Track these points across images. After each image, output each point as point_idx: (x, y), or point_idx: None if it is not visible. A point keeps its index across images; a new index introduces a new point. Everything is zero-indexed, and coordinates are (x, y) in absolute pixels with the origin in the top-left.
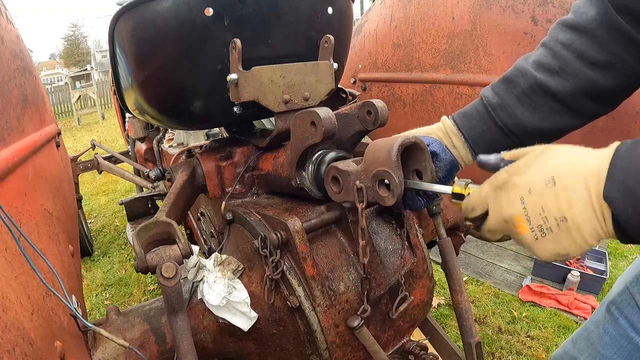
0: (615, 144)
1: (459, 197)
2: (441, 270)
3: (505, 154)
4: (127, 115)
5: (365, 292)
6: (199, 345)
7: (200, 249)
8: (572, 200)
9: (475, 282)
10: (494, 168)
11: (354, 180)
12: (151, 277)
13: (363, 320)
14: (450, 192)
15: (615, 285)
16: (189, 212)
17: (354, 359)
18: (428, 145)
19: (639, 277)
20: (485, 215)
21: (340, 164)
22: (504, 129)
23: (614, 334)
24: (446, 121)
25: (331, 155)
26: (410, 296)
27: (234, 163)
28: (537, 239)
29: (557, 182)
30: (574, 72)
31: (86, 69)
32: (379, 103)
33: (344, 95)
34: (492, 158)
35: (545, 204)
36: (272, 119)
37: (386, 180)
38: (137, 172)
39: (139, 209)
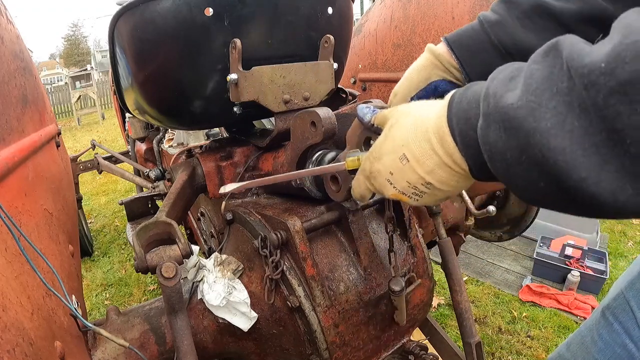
0: (449, 94)
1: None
2: (441, 270)
3: (375, 118)
4: (127, 115)
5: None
6: (199, 345)
7: (200, 249)
8: (427, 167)
9: (475, 282)
10: (368, 127)
11: (352, 178)
12: (151, 277)
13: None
14: (345, 168)
15: (611, 290)
16: (189, 212)
17: (353, 359)
18: (438, 89)
19: (634, 283)
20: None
21: None
22: (500, 48)
23: (608, 339)
24: (444, 54)
25: (331, 155)
26: (417, 279)
27: (234, 163)
28: (417, 200)
29: (410, 156)
30: None
31: (86, 69)
32: (378, 103)
33: (344, 95)
34: (366, 117)
35: (409, 179)
36: (272, 119)
37: None
38: (137, 172)
39: (139, 209)
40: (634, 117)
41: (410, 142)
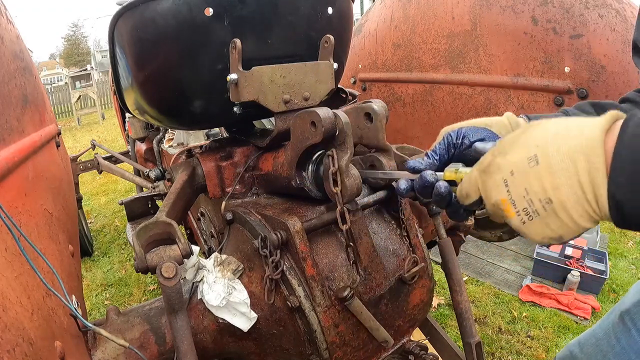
0: (615, 116)
1: (452, 184)
2: (441, 270)
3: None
4: (127, 115)
5: (352, 262)
6: (199, 345)
7: (200, 249)
8: (558, 180)
9: (475, 282)
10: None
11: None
12: (151, 277)
13: (353, 291)
14: (442, 178)
15: (630, 293)
16: (189, 212)
17: (353, 359)
18: (483, 140)
19: None
20: (482, 200)
21: None
22: None
23: (625, 345)
24: (512, 116)
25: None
26: (420, 262)
27: (234, 163)
28: (524, 222)
29: (541, 160)
30: None
31: (86, 69)
32: (378, 103)
33: (344, 95)
34: (488, 146)
35: (528, 186)
36: (272, 119)
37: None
38: (137, 172)
39: (139, 209)
40: None
41: (549, 146)
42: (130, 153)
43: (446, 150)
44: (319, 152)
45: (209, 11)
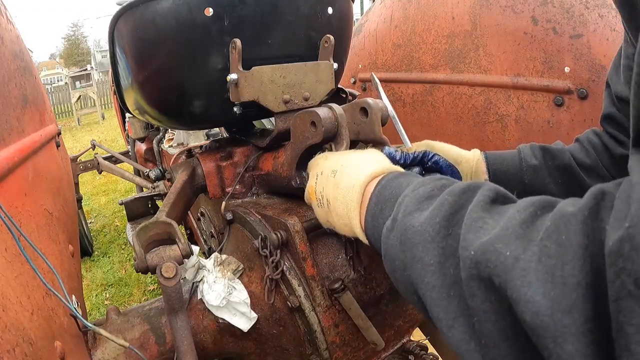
0: (384, 170)
1: None
2: None
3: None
4: (127, 115)
5: (349, 257)
6: (199, 345)
7: (200, 249)
8: (337, 194)
9: None
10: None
11: None
12: (151, 277)
13: (344, 284)
14: None
15: None
16: (189, 212)
17: (354, 359)
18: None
19: None
20: None
21: None
22: (528, 188)
23: None
24: (480, 160)
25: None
26: None
27: (234, 163)
28: (317, 206)
29: (336, 176)
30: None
31: (86, 69)
32: (372, 99)
33: (344, 95)
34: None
35: (324, 186)
36: (272, 119)
37: None
38: (137, 172)
39: (139, 209)
40: (485, 306)
41: (345, 169)
42: (130, 153)
43: (416, 160)
44: (319, 152)
45: (209, 11)
